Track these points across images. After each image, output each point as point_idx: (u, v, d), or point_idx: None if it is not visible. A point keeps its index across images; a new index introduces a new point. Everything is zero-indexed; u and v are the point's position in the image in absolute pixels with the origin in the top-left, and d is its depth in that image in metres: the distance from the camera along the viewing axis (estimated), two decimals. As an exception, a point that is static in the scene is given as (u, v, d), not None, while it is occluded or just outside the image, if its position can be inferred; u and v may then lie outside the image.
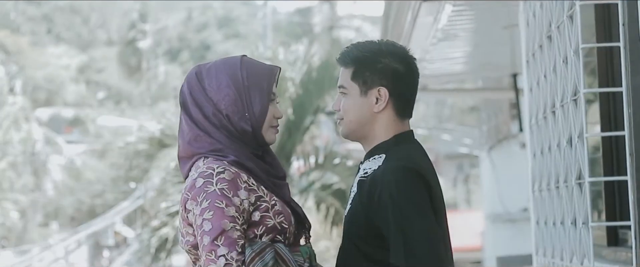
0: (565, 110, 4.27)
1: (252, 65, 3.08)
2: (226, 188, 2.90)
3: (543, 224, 4.91)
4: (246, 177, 2.97)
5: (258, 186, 2.99)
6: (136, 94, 49.61)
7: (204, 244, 2.88)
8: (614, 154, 4.59)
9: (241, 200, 2.92)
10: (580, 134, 3.97)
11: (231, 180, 2.92)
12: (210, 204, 2.88)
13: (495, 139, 12.59)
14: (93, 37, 54.07)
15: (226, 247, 2.86)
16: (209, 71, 3.06)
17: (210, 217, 2.88)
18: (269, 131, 3.06)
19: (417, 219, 2.93)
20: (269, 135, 3.06)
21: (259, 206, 2.97)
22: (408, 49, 3.19)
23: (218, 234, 2.87)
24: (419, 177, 3.00)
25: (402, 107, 3.14)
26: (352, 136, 3.17)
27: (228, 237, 2.87)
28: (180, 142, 3.08)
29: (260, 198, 2.98)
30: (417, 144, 3.17)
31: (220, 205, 2.88)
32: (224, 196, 2.89)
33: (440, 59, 8.86)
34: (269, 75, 3.08)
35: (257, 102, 3.02)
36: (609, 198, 4.60)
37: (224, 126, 3.01)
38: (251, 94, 3.02)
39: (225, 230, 2.87)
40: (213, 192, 2.89)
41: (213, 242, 2.87)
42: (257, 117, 3.02)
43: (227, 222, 2.87)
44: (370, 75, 3.10)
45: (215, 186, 2.90)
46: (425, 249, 2.91)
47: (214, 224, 2.87)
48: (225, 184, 2.90)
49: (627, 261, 4.03)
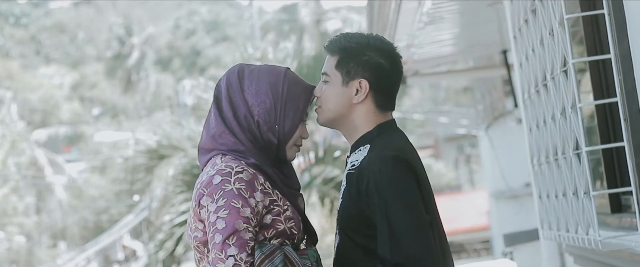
0: (556, 82, 4.26)
1: (294, 81, 3.11)
2: (243, 188, 2.91)
3: (545, 198, 4.90)
4: (263, 180, 2.98)
5: (273, 190, 3.01)
6: (131, 107, 49.59)
7: (215, 242, 2.89)
8: (609, 122, 4.59)
9: (256, 202, 2.93)
10: (573, 104, 3.96)
11: (249, 181, 2.93)
12: (226, 203, 2.89)
13: (492, 117, 12.58)
14: (82, 54, 54.05)
15: (237, 248, 2.87)
16: (251, 73, 3.09)
17: (225, 215, 2.89)
18: (292, 149, 3.09)
19: (403, 208, 2.93)
20: (291, 152, 3.09)
21: (272, 209, 2.98)
22: (395, 47, 3.22)
23: (230, 234, 2.88)
24: (404, 164, 3.01)
25: (382, 101, 3.17)
26: (328, 124, 3.19)
27: (240, 238, 2.88)
28: (204, 133, 3.10)
29: (274, 202, 3.00)
30: (400, 133, 3.18)
31: (236, 205, 2.89)
32: (240, 196, 2.90)
33: (428, 43, 8.85)
34: (307, 94, 3.12)
35: (290, 118, 3.06)
36: (609, 165, 4.60)
37: (251, 131, 3.03)
38: (286, 109, 3.05)
39: (238, 230, 2.88)
40: (230, 191, 2.90)
41: (224, 242, 2.87)
42: (286, 133, 3.05)
43: (240, 223, 2.88)
44: (354, 66, 3.13)
45: (232, 185, 2.91)
46: (411, 240, 2.90)
47: (228, 223, 2.88)
48: (243, 184, 2.92)
49: (632, 226, 4.03)
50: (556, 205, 4.61)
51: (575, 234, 4.28)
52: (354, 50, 3.14)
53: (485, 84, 13.19)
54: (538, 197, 5.10)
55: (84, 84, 50.26)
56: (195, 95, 19.17)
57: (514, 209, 11.35)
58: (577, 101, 3.91)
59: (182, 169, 12.61)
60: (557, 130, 4.33)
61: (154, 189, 14.51)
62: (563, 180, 4.38)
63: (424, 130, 37.30)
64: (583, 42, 4.64)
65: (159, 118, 36.24)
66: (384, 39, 3.21)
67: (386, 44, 3.19)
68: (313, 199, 13.75)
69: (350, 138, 3.18)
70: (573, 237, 4.31)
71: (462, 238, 24.06)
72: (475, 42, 9.62)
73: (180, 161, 12.74)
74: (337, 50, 3.16)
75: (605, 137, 4.57)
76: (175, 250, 12.50)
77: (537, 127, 4.87)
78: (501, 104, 11.87)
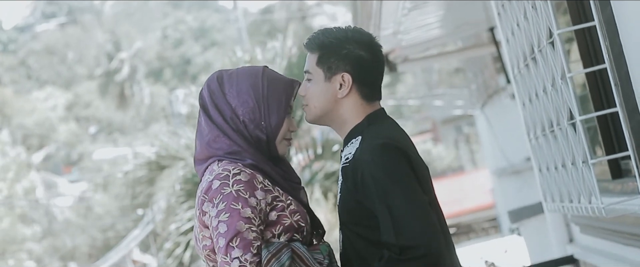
0: (544, 54, 4.25)
1: (273, 77, 3.14)
2: (242, 189, 2.93)
3: (545, 170, 4.90)
4: (262, 179, 3.00)
5: (273, 187, 3.03)
6: (127, 122, 49.60)
7: (220, 246, 2.90)
8: (601, 89, 4.59)
9: (258, 200, 2.95)
10: (563, 74, 3.96)
11: (247, 181, 2.95)
12: (226, 206, 2.91)
13: (486, 95, 12.57)
14: (73, 74, 54.08)
15: (240, 249, 2.88)
16: (230, 77, 3.12)
17: (226, 219, 2.90)
18: (282, 143, 3.12)
19: (401, 193, 2.94)
20: (281, 147, 3.11)
21: (275, 205, 3.00)
22: (375, 37, 3.23)
23: (233, 236, 2.89)
24: (397, 150, 3.01)
25: (367, 91, 3.17)
26: (317, 121, 3.20)
27: (243, 238, 2.89)
28: (198, 144, 3.12)
29: (276, 198, 3.01)
30: (391, 120, 3.19)
31: (236, 207, 2.90)
32: (240, 197, 2.91)
33: (415, 28, 8.83)
34: (288, 88, 3.15)
35: (274, 113, 3.08)
36: (605, 132, 4.60)
37: (239, 131, 3.06)
38: (270, 105, 3.09)
39: (240, 231, 2.89)
40: (229, 193, 2.92)
41: (228, 245, 2.88)
42: (273, 128, 3.08)
43: (242, 224, 2.89)
44: (335, 61, 3.14)
45: (231, 188, 2.93)
46: (413, 221, 2.92)
47: (229, 226, 2.89)
48: (242, 186, 2.93)
49: (635, 190, 4.03)
50: (556, 177, 4.61)
51: (578, 203, 4.28)
52: (333, 46, 3.15)
53: (476, 63, 13.18)
54: (538, 170, 5.10)
55: (78, 103, 50.29)
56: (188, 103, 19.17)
57: (517, 184, 11.34)
58: (566, 71, 3.91)
59: (183, 178, 12.61)
60: (550, 102, 4.33)
61: (157, 200, 14.50)
62: (561, 151, 4.37)
63: (420, 115, 37.31)
64: (567, 12, 4.64)
65: (155, 130, 36.22)
66: (362, 31, 3.22)
67: (365, 35, 3.20)
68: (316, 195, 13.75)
69: (341, 132, 3.19)
70: (576, 207, 4.31)
71: (470, 218, 24.06)
72: (461, 23, 9.61)
73: (180, 170, 12.74)
74: (316, 47, 3.17)
75: (599, 105, 4.57)
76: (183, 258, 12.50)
77: (530, 101, 4.87)
78: (494, 82, 11.86)
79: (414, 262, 2.88)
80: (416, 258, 2.88)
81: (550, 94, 4.28)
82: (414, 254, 2.88)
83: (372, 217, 2.99)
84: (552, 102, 4.30)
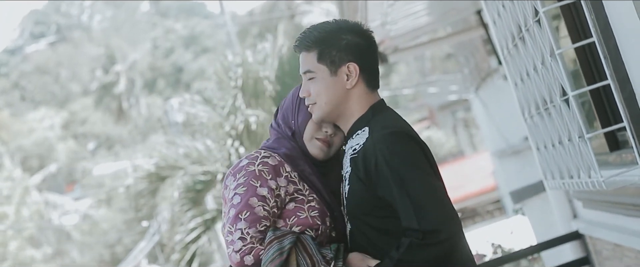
0: (531, 33, 4.25)
1: None
2: (265, 171, 3.08)
3: (543, 148, 4.89)
4: (289, 169, 3.15)
5: (300, 181, 3.15)
6: (125, 135, 49.56)
7: (229, 216, 3.03)
8: (591, 63, 4.58)
9: (278, 186, 3.08)
10: (552, 52, 3.95)
11: (273, 165, 3.11)
12: (245, 181, 3.06)
13: (479, 78, 12.55)
14: (67, 91, 54.01)
15: (247, 223, 2.98)
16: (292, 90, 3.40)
17: (242, 192, 3.04)
18: (311, 143, 3.22)
19: (418, 179, 2.95)
20: (311, 147, 3.23)
21: (296, 198, 3.11)
22: (362, 23, 3.24)
23: (244, 209, 3.01)
24: (409, 138, 3.03)
25: (371, 79, 3.20)
26: (328, 117, 3.19)
27: (253, 213, 3.00)
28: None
29: (298, 191, 3.12)
30: (392, 110, 3.22)
31: (254, 183, 3.05)
32: (261, 176, 3.06)
33: (402, 17, 8.81)
34: None
35: (303, 114, 3.22)
36: (599, 106, 4.60)
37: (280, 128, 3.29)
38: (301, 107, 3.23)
39: (252, 206, 3.01)
40: (252, 171, 3.08)
41: (237, 215, 3.01)
42: (299, 125, 3.22)
43: (255, 200, 3.02)
44: (337, 53, 3.14)
45: (256, 167, 3.09)
46: (434, 205, 2.93)
47: (242, 199, 3.02)
48: (267, 168, 3.09)
49: (633, 161, 4.03)
50: (555, 154, 4.61)
51: (578, 179, 4.28)
52: (329, 39, 3.15)
53: (466, 47, 13.16)
54: (536, 149, 5.10)
55: (74, 120, 50.26)
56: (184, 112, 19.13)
57: (517, 165, 11.33)
58: (555, 48, 3.90)
59: (184, 187, 12.59)
60: (542, 80, 4.32)
61: (161, 211, 14.50)
62: (557, 128, 4.37)
63: (416, 104, 37.29)
64: (551, -11, 4.63)
65: (153, 141, 36.20)
66: (348, 20, 3.23)
67: (354, 23, 3.22)
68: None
69: (345, 125, 3.19)
70: (577, 182, 4.30)
71: (474, 202, 24.03)
72: (448, 8, 9.59)
73: (181, 179, 12.71)
74: (312, 44, 3.16)
75: (591, 79, 4.57)
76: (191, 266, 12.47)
77: (522, 81, 4.87)
78: (486, 64, 11.84)
79: (437, 246, 2.89)
80: (440, 242, 2.89)
81: (541, 72, 4.28)
82: (437, 238, 2.89)
83: (385, 207, 3.00)
84: (543, 80, 4.30)
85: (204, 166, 12.60)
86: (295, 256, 2.96)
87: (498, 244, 8.69)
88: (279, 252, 2.93)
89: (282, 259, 2.92)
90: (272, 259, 2.91)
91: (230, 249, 2.98)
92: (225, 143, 12.34)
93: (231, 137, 12.23)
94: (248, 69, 12.57)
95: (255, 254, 2.95)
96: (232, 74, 12.62)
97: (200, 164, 12.69)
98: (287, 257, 2.94)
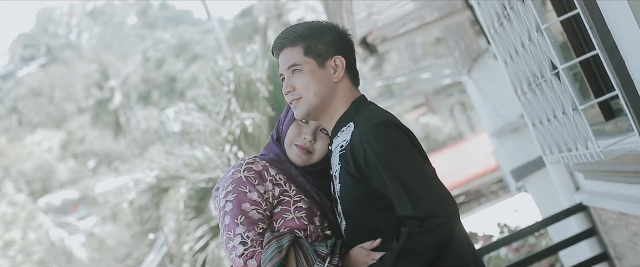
0: (515, 10, 4.25)
1: None
2: (251, 176, 3.13)
3: (539, 124, 4.89)
4: (274, 172, 3.19)
5: (287, 183, 3.18)
6: (124, 149, 49.52)
7: (225, 224, 3.06)
8: (579, 35, 4.58)
9: (265, 190, 3.12)
10: (537, 27, 3.95)
11: (258, 171, 3.15)
12: (234, 187, 3.10)
13: (470, 60, 12.53)
14: (63, 111, 53.96)
15: (245, 226, 3.02)
16: None
17: (232, 198, 3.08)
18: (290, 149, 3.26)
19: (409, 165, 2.95)
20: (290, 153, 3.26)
21: (281, 200, 3.14)
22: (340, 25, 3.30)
23: (238, 214, 3.04)
24: (395, 126, 3.03)
25: (353, 75, 3.23)
26: (313, 113, 3.18)
27: (248, 217, 3.04)
28: None
29: (284, 192, 3.15)
30: (374, 104, 3.23)
31: (243, 189, 3.09)
32: (248, 182, 3.11)
33: (387, 7, 8.82)
34: None
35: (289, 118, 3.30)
36: (590, 77, 4.60)
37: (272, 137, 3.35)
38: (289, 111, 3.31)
39: (245, 210, 3.05)
40: (238, 178, 3.12)
41: (233, 221, 3.04)
42: (283, 130, 3.29)
43: (248, 205, 3.06)
44: (323, 47, 3.16)
45: (241, 174, 3.14)
46: (427, 190, 2.93)
47: (235, 205, 3.06)
48: (252, 173, 3.14)
49: (629, 128, 4.03)
50: (550, 128, 4.61)
51: (576, 151, 4.28)
52: (315, 34, 3.18)
53: (455, 30, 13.15)
54: (532, 125, 5.09)
55: (73, 140, 50.25)
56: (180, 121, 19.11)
57: (516, 142, 11.32)
58: (540, 23, 3.90)
59: (187, 195, 12.57)
60: (531, 56, 4.32)
61: (167, 222, 14.48)
62: (550, 102, 4.37)
63: (411, 91, 37.26)
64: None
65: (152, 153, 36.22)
66: (324, 21, 3.27)
67: (331, 23, 3.27)
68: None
69: (329, 123, 3.19)
70: (575, 155, 4.30)
71: (477, 184, 24.05)
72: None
73: (183, 188, 12.70)
74: (298, 39, 3.17)
75: (580, 51, 4.57)
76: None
77: (511, 59, 4.86)
78: (476, 45, 11.83)
79: (436, 231, 2.89)
80: (437, 226, 2.89)
81: (529, 48, 4.28)
82: (434, 222, 2.88)
83: (381, 199, 2.99)
84: (532, 56, 4.30)
85: (205, 173, 12.58)
86: (294, 254, 2.97)
87: (504, 224, 8.68)
88: (278, 250, 2.95)
89: (281, 257, 2.94)
90: (271, 258, 2.94)
91: (232, 254, 2.99)
92: (224, 149, 12.32)
93: (229, 142, 12.21)
94: (239, 73, 12.55)
95: (258, 258, 2.96)
96: (224, 79, 12.60)
97: (201, 171, 12.67)
98: (286, 255, 2.95)
